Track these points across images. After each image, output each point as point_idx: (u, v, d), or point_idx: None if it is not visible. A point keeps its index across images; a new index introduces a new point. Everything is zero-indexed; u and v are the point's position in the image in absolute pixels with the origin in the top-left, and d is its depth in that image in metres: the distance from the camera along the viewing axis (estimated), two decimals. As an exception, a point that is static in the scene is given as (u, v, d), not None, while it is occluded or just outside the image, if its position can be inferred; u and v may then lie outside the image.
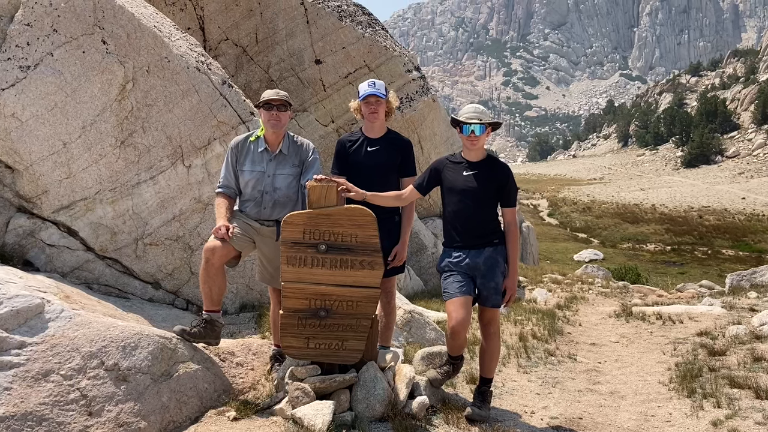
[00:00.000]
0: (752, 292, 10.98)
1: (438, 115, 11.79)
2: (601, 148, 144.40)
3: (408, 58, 11.31)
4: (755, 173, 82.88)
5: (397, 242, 5.01)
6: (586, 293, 11.81)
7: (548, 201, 74.49)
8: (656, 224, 55.60)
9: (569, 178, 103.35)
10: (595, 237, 52.24)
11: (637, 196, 74.60)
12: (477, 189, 4.51)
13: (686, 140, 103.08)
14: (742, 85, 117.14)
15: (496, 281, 4.48)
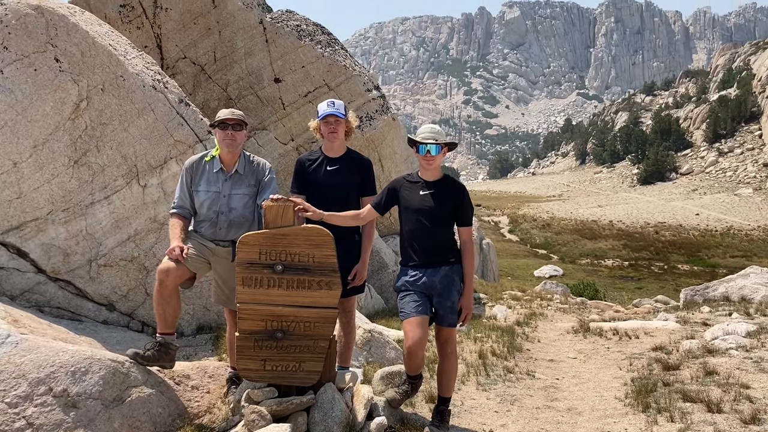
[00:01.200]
0: (705, 307, 11.23)
1: (398, 133, 11.86)
2: (560, 166, 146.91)
3: (368, 78, 11.37)
4: (708, 190, 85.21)
5: (357, 261, 5.01)
6: (545, 309, 11.93)
7: (509, 218, 75.35)
8: (614, 240, 56.64)
9: (529, 195, 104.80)
10: (554, 253, 52.95)
11: (595, 213, 75.97)
12: (433, 208, 4.54)
13: (642, 158, 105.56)
14: (694, 104, 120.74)
15: (453, 300, 4.49)
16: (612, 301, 19.45)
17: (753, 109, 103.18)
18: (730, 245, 53.64)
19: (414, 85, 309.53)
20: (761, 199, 75.30)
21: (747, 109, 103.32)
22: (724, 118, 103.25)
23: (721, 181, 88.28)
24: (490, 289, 14.62)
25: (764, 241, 54.93)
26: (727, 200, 76.97)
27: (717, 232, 60.21)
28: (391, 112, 11.46)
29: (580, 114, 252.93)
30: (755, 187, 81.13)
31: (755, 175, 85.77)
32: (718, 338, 7.72)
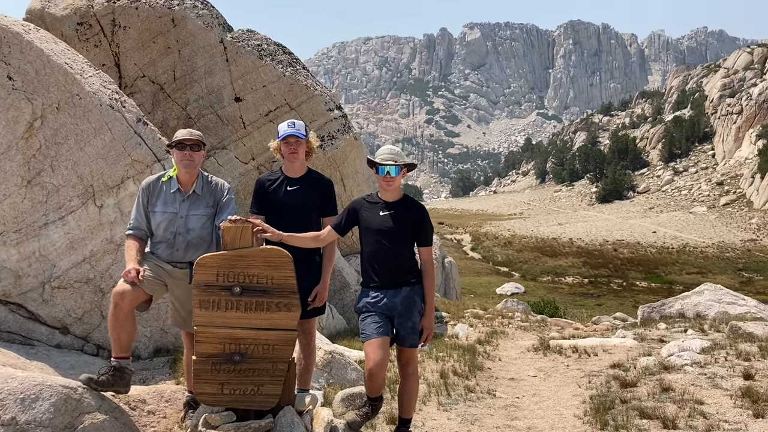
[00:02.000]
0: (662, 324, 11.45)
1: (360, 152, 11.89)
2: (521, 184, 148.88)
3: (329, 97, 11.40)
4: (664, 208, 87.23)
5: (317, 282, 4.98)
6: (506, 327, 12.02)
7: (471, 236, 75.92)
8: (574, 257, 57.47)
9: (491, 214, 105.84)
10: (516, 270, 53.47)
11: (555, 231, 77.05)
12: (393, 229, 4.55)
13: (600, 176, 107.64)
14: (650, 124, 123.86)
15: (414, 321, 4.50)
16: (572, 318, 19.69)
17: (706, 130, 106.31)
18: (686, 262, 54.90)
19: (377, 104, 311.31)
20: (715, 216, 77.37)
21: (700, 129, 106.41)
22: (679, 138, 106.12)
23: (677, 200, 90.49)
24: (453, 307, 14.67)
25: (718, 258, 56.34)
26: (683, 218, 78.87)
27: (673, 249, 61.58)
28: (353, 131, 11.50)
29: (540, 133, 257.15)
30: (709, 205, 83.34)
31: (709, 193, 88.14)
32: (673, 355, 7.87)
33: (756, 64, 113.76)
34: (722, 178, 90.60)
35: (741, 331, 9.17)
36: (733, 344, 8.40)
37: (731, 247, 61.63)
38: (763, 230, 67.68)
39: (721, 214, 77.75)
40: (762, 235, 66.14)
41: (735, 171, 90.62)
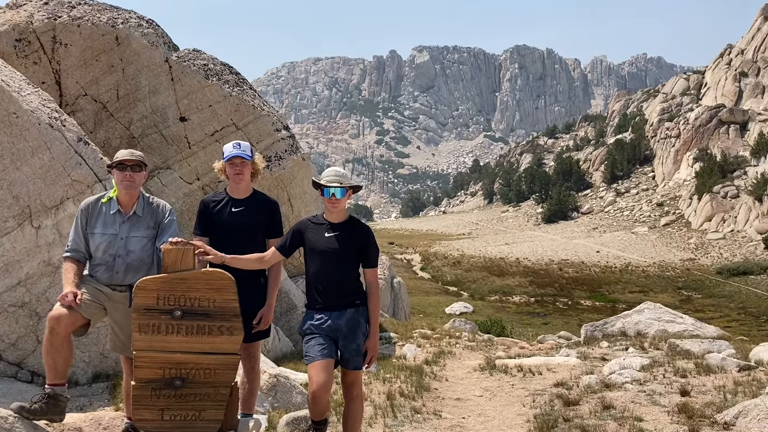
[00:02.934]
0: (604, 342, 11.71)
1: (308, 173, 11.87)
2: (469, 205, 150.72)
3: (277, 118, 11.38)
4: (607, 228, 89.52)
5: (263, 305, 4.94)
6: (454, 347, 12.10)
7: (421, 255, 76.33)
8: (521, 277, 58.36)
9: (440, 233, 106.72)
10: (465, 290, 53.96)
11: (503, 250, 78.15)
12: (338, 250, 4.55)
13: (545, 197, 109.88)
14: (593, 147, 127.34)
15: (358, 343, 4.50)
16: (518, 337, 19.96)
17: (646, 152, 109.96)
18: (629, 281, 56.36)
19: (327, 124, 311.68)
20: (655, 236, 79.80)
21: (641, 152, 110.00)
22: (621, 161, 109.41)
23: (619, 220, 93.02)
24: (401, 327, 14.68)
25: (659, 277, 58.05)
26: (625, 238, 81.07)
27: (616, 268, 63.16)
28: (301, 151, 11.48)
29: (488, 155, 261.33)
30: (650, 225, 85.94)
31: (650, 214, 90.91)
32: (614, 373, 8.05)
33: (692, 89, 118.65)
34: (662, 200, 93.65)
35: (679, 349, 9.44)
36: (671, 361, 8.64)
37: (671, 266, 63.60)
38: (701, 250, 70.11)
39: (662, 234, 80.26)
40: (700, 254, 68.50)
41: (674, 192, 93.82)
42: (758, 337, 29.31)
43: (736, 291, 49.72)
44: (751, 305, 44.60)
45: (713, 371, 7.88)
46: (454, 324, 17.31)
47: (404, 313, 18.77)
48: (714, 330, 12.41)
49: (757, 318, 40.43)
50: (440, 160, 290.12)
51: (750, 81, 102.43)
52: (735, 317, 40.90)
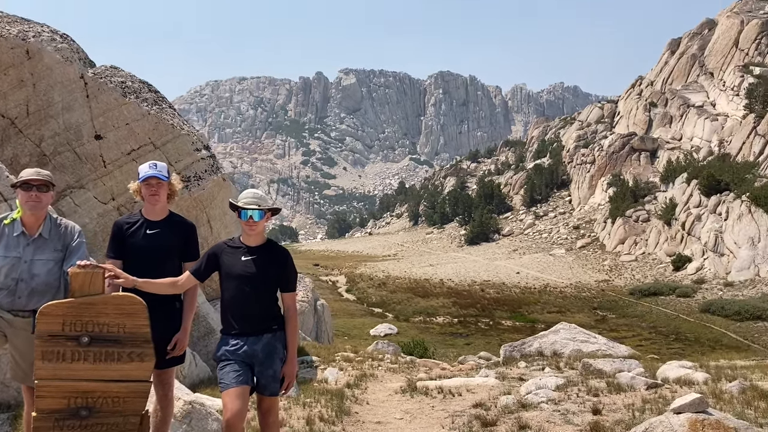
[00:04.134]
0: (522, 362, 11.97)
1: (228, 193, 11.68)
2: (395, 226, 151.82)
3: (197, 137, 11.18)
4: (527, 250, 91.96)
5: (177, 330, 4.82)
6: (376, 370, 12.09)
7: (346, 277, 76.13)
8: (444, 298, 59.01)
9: (366, 255, 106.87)
10: (389, 311, 54.05)
11: (428, 272, 78.93)
12: (256, 274, 4.49)
13: (468, 220, 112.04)
14: (514, 171, 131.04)
15: (275, 369, 4.43)
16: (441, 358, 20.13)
17: (563, 177, 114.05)
18: (547, 301, 57.91)
19: (251, 143, 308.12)
20: (572, 258, 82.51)
21: (558, 177, 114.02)
22: (539, 185, 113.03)
23: (538, 242, 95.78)
24: (323, 351, 14.56)
25: (576, 298, 59.93)
26: (544, 260, 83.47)
27: (535, 289, 64.82)
28: (221, 172, 11.30)
29: (413, 177, 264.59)
30: (567, 247, 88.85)
31: (567, 236, 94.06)
32: (531, 392, 8.23)
33: (606, 118, 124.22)
34: (578, 223, 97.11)
35: (592, 368, 9.76)
36: (585, 381, 8.92)
37: (587, 287, 65.82)
38: (615, 271, 72.95)
39: (578, 256, 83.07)
40: (614, 275, 71.24)
41: (589, 216, 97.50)
42: (667, 355, 30.62)
43: (647, 311, 51.89)
44: (661, 324, 46.61)
45: (623, 390, 8.17)
46: (377, 346, 17.31)
47: (327, 336, 18.62)
48: (625, 349, 12.90)
49: (666, 337, 42.26)
50: (367, 181, 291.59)
51: (659, 111, 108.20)
52: (646, 336, 42.61)
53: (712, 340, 39.91)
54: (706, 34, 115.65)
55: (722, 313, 46.73)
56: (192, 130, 11.27)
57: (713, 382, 8.39)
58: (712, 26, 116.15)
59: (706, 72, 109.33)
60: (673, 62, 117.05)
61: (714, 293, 55.75)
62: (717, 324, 44.64)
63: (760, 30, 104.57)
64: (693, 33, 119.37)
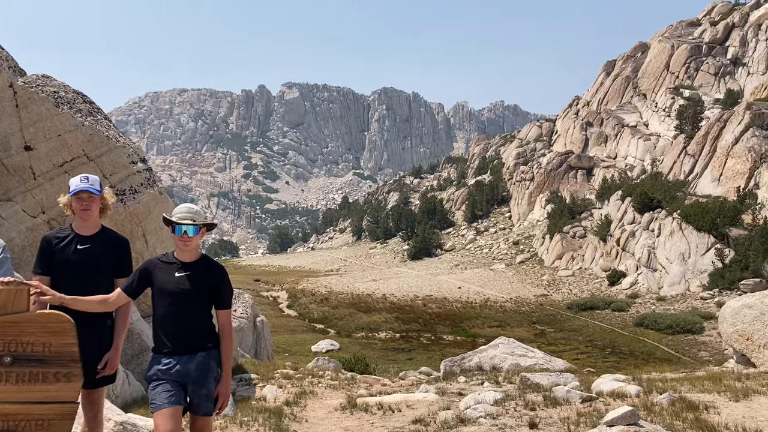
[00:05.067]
0: (462, 377, 12.05)
1: (165, 207, 11.43)
2: (338, 241, 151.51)
3: (133, 150, 10.91)
4: (468, 265, 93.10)
5: (108, 348, 4.67)
6: (316, 387, 11.96)
7: (288, 293, 75.39)
8: (387, 313, 59.07)
9: (308, 270, 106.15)
10: (331, 327, 53.74)
11: (370, 287, 78.95)
12: (190, 291, 4.40)
13: (411, 235, 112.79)
14: (455, 187, 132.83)
15: (209, 388, 4.33)
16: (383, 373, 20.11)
17: (503, 194, 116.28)
18: (488, 316, 58.65)
19: (192, 156, 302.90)
20: (512, 273, 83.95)
21: (499, 193, 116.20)
22: (480, 201, 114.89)
23: (479, 257, 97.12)
24: (263, 368, 14.33)
25: (516, 312, 60.90)
26: (484, 274, 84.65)
27: (476, 303, 65.59)
28: (158, 185, 11.05)
29: (356, 192, 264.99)
30: (507, 262, 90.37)
31: (507, 252, 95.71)
32: (470, 407, 8.29)
33: (544, 136, 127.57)
34: (518, 238, 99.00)
35: (529, 382, 9.90)
36: (522, 395, 9.04)
37: (526, 301, 67.02)
38: (553, 286, 74.55)
39: (518, 271, 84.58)
40: (552, 290, 72.78)
41: (528, 232, 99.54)
42: (603, 368, 31.39)
43: (584, 325, 53.13)
44: (597, 338, 47.78)
45: (559, 403, 8.32)
46: (317, 363, 17.16)
47: (267, 353, 18.36)
48: (562, 363, 13.15)
49: (602, 350, 43.33)
50: (309, 196, 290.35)
51: (595, 130, 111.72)
52: (583, 349, 43.60)
53: (645, 353, 41.13)
54: (639, 57, 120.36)
55: (655, 327, 48.29)
56: (128, 143, 10.99)
57: (645, 395, 8.62)
58: (645, 50, 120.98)
59: (639, 93, 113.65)
60: (608, 83, 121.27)
61: (647, 307, 57.59)
62: (650, 337, 46.07)
63: (689, 54, 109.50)
64: (627, 56, 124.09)
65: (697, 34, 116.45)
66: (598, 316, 56.50)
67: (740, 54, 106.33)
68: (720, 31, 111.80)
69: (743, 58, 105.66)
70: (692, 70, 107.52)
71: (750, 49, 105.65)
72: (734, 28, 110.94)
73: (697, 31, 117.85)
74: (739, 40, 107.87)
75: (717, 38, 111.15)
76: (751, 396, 8.17)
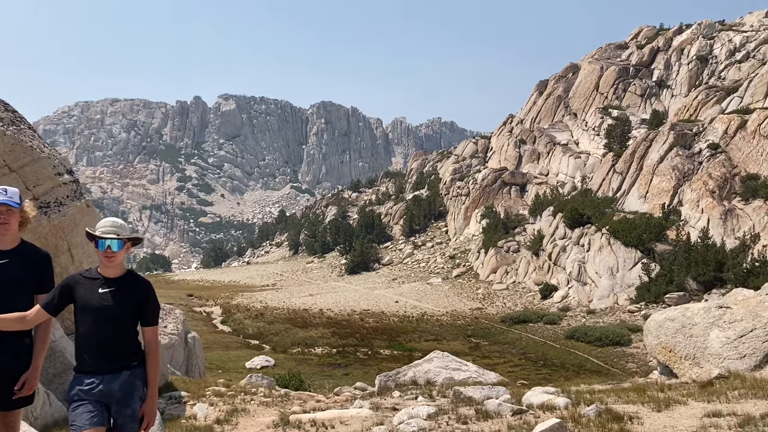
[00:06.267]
0: (396, 392, 12.07)
1: (92, 220, 11.05)
2: (274, 255, 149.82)
3: (59, 161, 10.53)
4: (405, 279, 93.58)
5: (26, 368, 4.47)
6: (248, 404, 11.75)
7: (222, 308, 73.92)
8: (323, 328, 58.64)
9: (243, 285, 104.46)
10: (267, 343, 52.94)
11: (307, 302, 78.29)
12: (114, 307, 4.27)
13: (349, 249, 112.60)
14: (393, 201, 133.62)
15: (133, 408, 4.21)
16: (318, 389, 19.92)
17: (440, 209, 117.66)
18: (425, 330, 58.99)
19: (123, 168, 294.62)
20: (448, 287, 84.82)
21: (436, 208, 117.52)
22: (418, 215, 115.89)
23: (416, 271, 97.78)
24: (194, 385, 13.98)
25: (452, 326, 61.50)
26: (422, 288, 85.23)
27: (413, 317, 65.90)
28: (85, 198, 10.69)
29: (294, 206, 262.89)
30: (443, 276, 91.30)
31: (443, 266, 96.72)
32: (403, 422, 8.30)
33: (480, 153, 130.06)
34: (454, 252, 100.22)
35: (462, 396, 10.00)
36: (455, 409, 9.11)
37: (462, 315, 67.77)
38: (488, 299, 75.70)
39: (454, 285, 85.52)
40: (487, 303, 73.88)
41: (464, 246, 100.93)
42: (535, 380, 32.01)
43: (517, 338, 54.07)
44: (530, 351, 48.70)
45: (491, 416, 8.42)
46: (250, 379, 16.86)
47: (199, 370, 17.93)
48: (494, 376, 13.34)
49: (535, 362, 44.18)
50: (245, 209, 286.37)
51: (528, 148, 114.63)
52: (517, 362, 44.34)
53: (576, 365, 42.17)
54: (570, 78, 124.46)
55: (585, 339, 49.62)
56: (54, 153, 10.60)
57: (573, 407, 8.83)
58: (575, 70, 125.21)
59: (570, 113, 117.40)
60: (540, 102, 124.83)
61: (578, 320, 59.14)
62: (580, 350, 47.29)
63: (617, 76, 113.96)
64: (559, 76, 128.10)
65: (624, 57, 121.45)
66: (531, 329, 57.64)
67: (665, 76, 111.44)
68: (646, 54, 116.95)
69: (667, 80, 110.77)
70: (620, 90, 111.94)
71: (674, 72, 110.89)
72: (659, 51, 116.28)
73: (625, 53, 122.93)
74: (663, 63, 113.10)
75: (643, 61, 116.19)
76: (672, 406, 8.47)
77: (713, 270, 54.45)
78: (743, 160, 67.05)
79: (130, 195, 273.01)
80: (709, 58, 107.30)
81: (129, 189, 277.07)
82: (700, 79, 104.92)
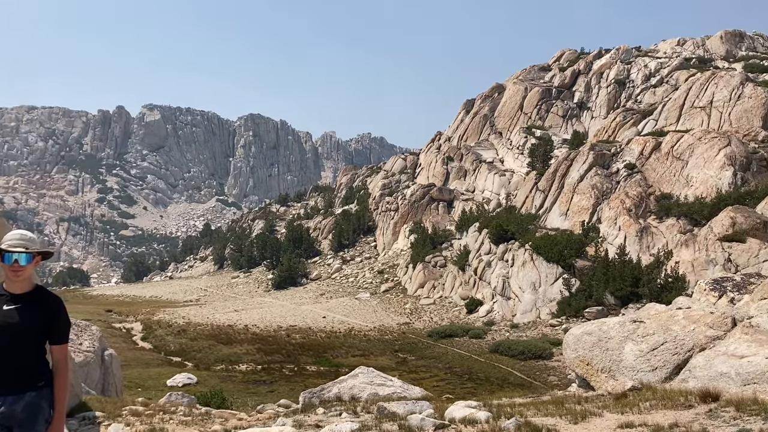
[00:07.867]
0: (320, 408, 11.95)
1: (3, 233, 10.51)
2: (198, 270, 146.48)
3: (-34, 170, 9.98)
4: (334, 294, 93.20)
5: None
6: (167, 424, 11.40)
7: (142, 324, 71.59)
8: (249, 344, 57.60)
9: (166, 300, 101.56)
10: (189, 360, 51.55)
11: (232, 317, 76.79)
12: (20, 324, 4.07)
13: (276, 264, 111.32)
14: (322, 216, 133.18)
15: (38, 430, 4.00)
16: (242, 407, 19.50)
17: (369, 223, 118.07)
18: (352, 345, 58.80)
19: (39, 178, 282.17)
20: (377, 302, 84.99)
21: (365, 222, 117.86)
22: (347, 230, 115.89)
23: (345, 286, 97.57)
24: (109, 405, 13.43)
25: (379, 341, 61.54)
26: (350, 303, 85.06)
27: (341, 333, 65.62)
28: (-6, 210, 10.17)
29: (220, 219, 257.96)
30: (372, 291, 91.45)
31: (372, 280, 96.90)
32: (326, 439, 8.22)
33: (409, 169, 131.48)
34: (383, 267, 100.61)
35: (386, 411, 10.00)
36: (379, 425, 9.11)
37: (390, 330, 67.97)
38: (415, 314, 76.24)
39: (382, 300, 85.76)
40: (414, 318, 74.39)
41: (393, 261, 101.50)
42: (461, 394, 32.36)
43: (444, 352, 54.61)
44: (456, 365, 49.25)
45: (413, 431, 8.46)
46: (170, 398, 16.35)
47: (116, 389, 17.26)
48: (419, 391, 13.41)
49: (460, 377, 44.68)
50: (169, 222, 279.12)
51: (455, 165, 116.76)
52: (443, 376, 44.73)
53: (500, 379, 42.93)
54: (496, 98, 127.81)
55: (509, 353, 50.62)
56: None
57: (494, 420, 8.97)
58: (501, 90, 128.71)
59: (496, 131, 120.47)
60: (467, 121, 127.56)
61: (502, 334, 60.31)
62: (504, 363, 48.19)
63: (541, 97, 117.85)
64: (485, 95, 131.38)
65: (548, 78, 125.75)
66: (457, 343, 58.36)
67: (585, 99, 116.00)
68: (568, 77, 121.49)
69: (588, 102, 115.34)
70: (543, 111, 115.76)
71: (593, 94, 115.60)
72: (580, 74, 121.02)
73: (548, 75, 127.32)
74: (584, 85, 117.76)
75: (565, 83, 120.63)
76: (588, 418, 8.74)
77: (630, 285, 56.73)
78: (657, 180, 70.37)
79: (46, 206, 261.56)
80: (626, 82, 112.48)
81: (46, 200, 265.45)
82: (618, 101, 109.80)
